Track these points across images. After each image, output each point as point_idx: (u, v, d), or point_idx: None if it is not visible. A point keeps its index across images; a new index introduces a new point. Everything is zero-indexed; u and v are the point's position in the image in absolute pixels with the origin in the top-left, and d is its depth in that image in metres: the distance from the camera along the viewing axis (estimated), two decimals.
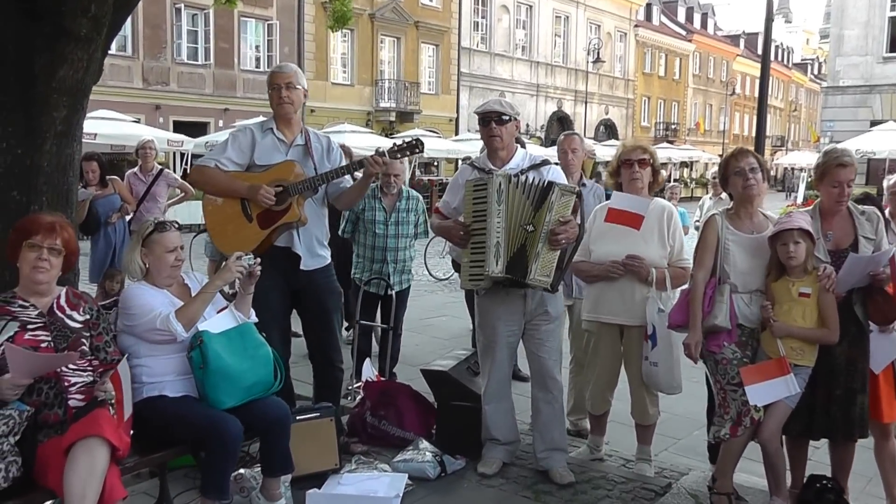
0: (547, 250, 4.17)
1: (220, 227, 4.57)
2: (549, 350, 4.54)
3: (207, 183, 4.56)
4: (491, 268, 4.17)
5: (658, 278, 4.45)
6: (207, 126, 28.33)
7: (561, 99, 44.88)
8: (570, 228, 4.20)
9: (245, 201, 4.47)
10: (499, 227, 4.17)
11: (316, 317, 4.77)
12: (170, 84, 27.55)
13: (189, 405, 3.64)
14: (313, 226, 4.62)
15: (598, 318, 4.66)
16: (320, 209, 4.73)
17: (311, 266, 4.64)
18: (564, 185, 4.31)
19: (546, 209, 4.16)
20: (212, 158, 4.56)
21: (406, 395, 5.13)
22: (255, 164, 4.55)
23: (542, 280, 4.19)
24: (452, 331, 9.10)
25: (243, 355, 3.76)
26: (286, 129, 4.62)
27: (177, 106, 27.58)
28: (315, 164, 4.59)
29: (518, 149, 4.66)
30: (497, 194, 4.18)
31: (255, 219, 4.47)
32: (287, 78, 4.57)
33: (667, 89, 54.68)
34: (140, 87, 26.67)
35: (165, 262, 3.81)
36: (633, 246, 4.51)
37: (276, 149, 4.58)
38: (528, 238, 4.19)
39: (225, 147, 4.57)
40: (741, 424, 3.92)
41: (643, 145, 4.69)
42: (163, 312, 3.66)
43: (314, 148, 4.65)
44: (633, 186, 4.59)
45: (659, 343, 4.39)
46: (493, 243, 4.17)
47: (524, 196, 4.21)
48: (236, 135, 4.62)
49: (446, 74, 37.70)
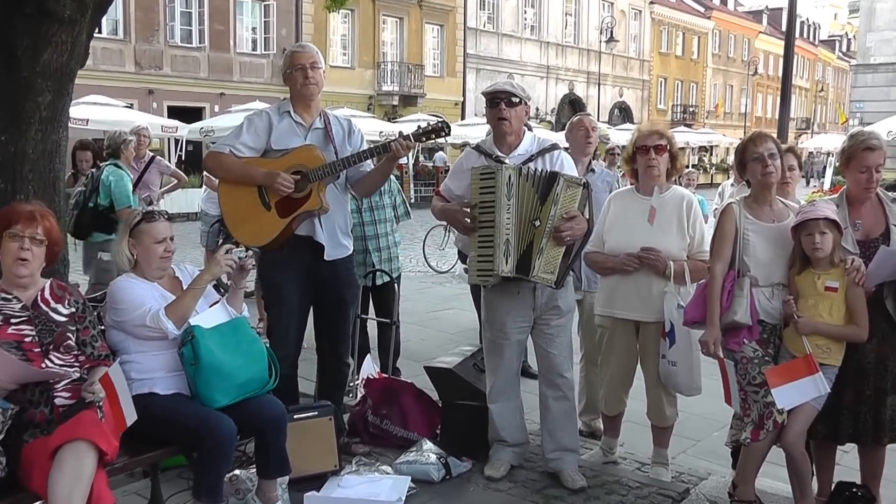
0: (551, 246, 4.15)
1: (237, 217, 4.52)
2: (560, 346, 4.52)
3: (222, 170, 4.52)
4: (500, 267, 4.18)
5: (676, 272, 4.41)
6: (202, 111, 28.36)
7: (572, 81, 44.77)
8: (576, 225, 4.18)
9: (262, 188, 4.43)
10: (508, 224, 4.16)
11: (332, 309, 4.72)
12: (163, 68, 27.56)
13: (180, 403, 3.64)
14: (336, 213, 4.58)
15: (613, 314, 4.63)
16: (342, 196, 4.68)
17: (334, 256, 4.59)
18: (571, 175, 4.28)
19: (551, 202, 4.13)
20: (226, 144, 4.52)
21: (409, 394, 5.12)
22: (271, 148, 4.50)
23: (545, 277, 4.18)
24: (460, 324, 9.09)
25: (236, 351, 3.75)
26: (304, 112, 4.58)
27: (171, 90, 27.60)
28: (336, 149, 4.54)
29: (526, 133, 4.62)
30: (506, 188, 4.16)
31: (273, 207, 4.43)
32: (311, 58, 4.55)
33: (684, 70, 54.48)
34: (132, 72, 26.71)
35: (154, 253, 3.80)
36: (649, 237, 4.47)
37: (294, 132, 4.54)
38: (536, 234, 4.19)
39: (240, 132, 4.52)
40: (763, 428, 3.87)
41: (660, 130, 4.64)
42: (153, 308, 3.65)
43: (335, 131, 4.60)
44: (650, 174, 4.55)
45: (677, 341, 4.36)
46: (503, 241, 4.17)
47: (533, 189, 4.19)
48: (252, 118, 4.58)
49: (451, 56, 37.62)
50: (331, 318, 4.74)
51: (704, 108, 56.21)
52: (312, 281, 4.60)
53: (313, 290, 4.64)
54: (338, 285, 4.67)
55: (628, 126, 38.55)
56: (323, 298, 4.70)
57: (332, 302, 4.70)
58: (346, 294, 4.75)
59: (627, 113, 48.86)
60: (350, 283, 4.80)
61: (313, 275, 4.58)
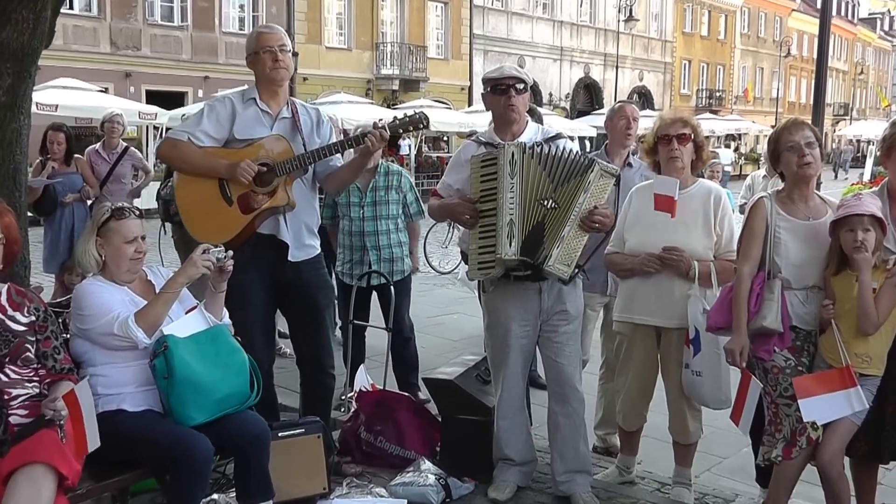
0: (575, 234, 4.11)
1: (194, 212, 4.51)
2: (569, 355, 4.49)
3: (179, 159, 4.51)
4: (503, 250, 4.12)
5: (702, 273, 4.37)
6: (185, 96, 28.42)
7: (588, 64, 44.73)
8: (608, 215, 4.16)
9: (224, 182, 4.42)
10: (511, 203, 4.14)
11: (305, 315, 4.73)
12: (141, 48, 27.59)
13: (152, 421, 3.61)
14: (302, 211, 4.58)
15: (631, 319, 4.59)
16: (310, 192, 4.69)
17: (299, 257, 4.60)
18: (607, 165, 4.25)
19: (582, 188, 4.10)
20: (184, 131, 4.52)
21: (406, 408, 5.10)
22: (234, 138, 4.50)
23: (560, 269, 4.13)
24: (464, 331, 9.05)
25: (215, 363, 3.73)
26: (271, 99, 4.58)
27: (149, 73, 27.62)
28: (304, 140, 4.54)
29: (529, 121, 4.60)
30: (510, 166, 4.14)
31: (235, 202, 4.42)
32: (280, 39, 4.55)
33: (710, 51, 54.44)
34: (107, 52, 26.73)
35: (124, 253, 3.76)
36: (672, 235, 4.43)
37: (260, 122, 4.54)
38: (549, 216, 4.14)
39: (200, 119, 4.52)
40: (796, 445, 3.85)
41: (683, 117, 4.61)
42: (121, 315, 3.61)
43: (302, 121, 4.60)
44: (672, 166, 4.50)
45: (703, 349, 4.31)
46: (506, 222, 4.13)
47: (541, 167, 4.16)
48: (213, 105, 4.58)
49: (457, 37, 37.63)
50: (305, 325, 4.74)
51: (732, 93, 56.20)
52: (276, 283, 4.62)
53: (277, 292, 4.66)
54: (307, 288, 4.67)
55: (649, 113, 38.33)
56: (293, 304, 4.72)
57: (304, 307, 4.71)
58: (318, 298, 4.74)
59: (648, 99, 48.81)
60: (321, 286, 4.79)
61: (277, 276, 4.59)
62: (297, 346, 4.85)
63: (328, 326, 4.86)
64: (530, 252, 4.13)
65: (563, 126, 20.55)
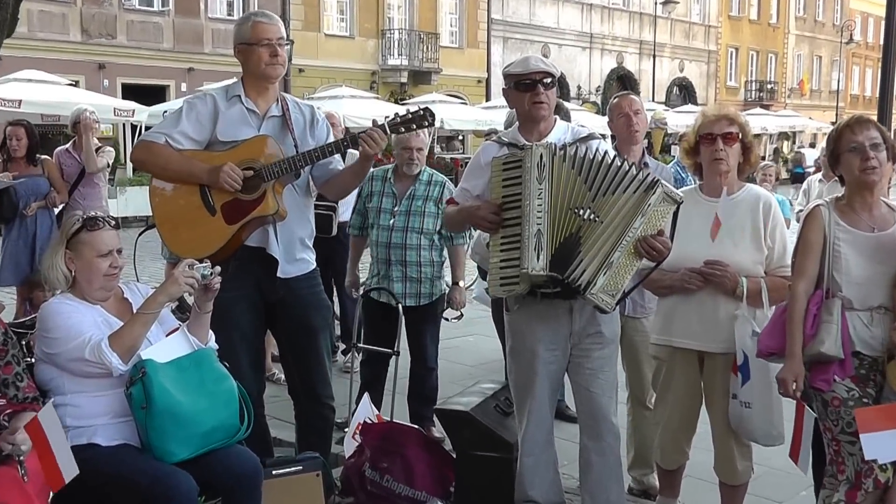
0: (626, 262, 4.08)
1: (172, 223, 4.55)
2: (603, 384, 4.48)
3: (155, 164, 4.54)
4: (530, 264, 4.09)
5: (751, 291, 4.37)
6: (166, 90, 28.57)
7: (622, 53, 44.79)
8: (668, 245, 4.13)
9: (206, 189, 4.46)
10: (539, 211, 4.10)
11: (297, 338, 4.76)
12: (117, 37, 27.75)
13: (128, 457, 3.61)
14: (295, 221, 4.61)
15: (671, 342, 4.60)
16: (304, 199, 4.72)
17: (290, 273, 4.63)
18: (671, 189, 4.21)
19: (640, 211, 4.06)
20: (160, 132, 4.55)
21: (416, 443, 5.11)
22: (217, 140, 4.54)
23: (604, 299, 4.08)
24: (480, 355, 9.05)
25: (199, 391, 3.74)
26: (259, 97, 4.61)
27: (126, 65, 27.77)
28: (296, 141, 4.57)
29: (557, 120, 4.60)
30: (537, 169, 4.11)
31: (219, 211, 4.45)
32: (280, 32, 4.59)
33: (761, 38, 54.42)
34: (78, 41, 26.90)
35: (97, 269, 3.77)
36: (717, 247, 4.43)
37: (246, 121, 4.57)
38: (587, 228, 4.11)
39: (178, 118, 4.55)
40: (861, 488, 3.83)
41: (730, 114, 4.61)
42: (93, 337, 3.62)
43: (294, 120, 4.63)
44: (716, 169, 4.50)
45: (752, 377, 4.30)
46: (533, 232, 4.10)
47: (575, 171, 4.13)
48: (193, 103, 4.61)
49: (473, 22, 37.75)
50: (297, 349, 4.76)
51: (785, 84, 56.16)
52: (265, 301, 4.65)
53: (266, 312, 4.69)
54: (300, 308, 4.70)
55: (690, 108, 38.57)
56: (283, 325, 4.75)
57: (296, 329, 4.73)
58: (313, 319, 4.76)
59: (689, 92, 48.87)
60: (316, 305, 4.81)
61: (266, 294, 4.63)
62: (289, 372, 4.88)
63: (324, 351, 4.87)
64: (560, 266, 4.09)
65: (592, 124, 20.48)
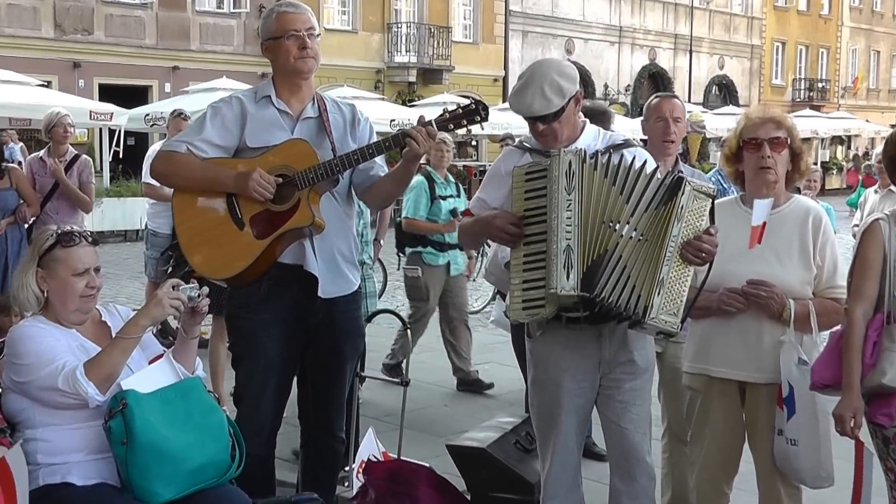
0: (677, 274, 4.08)
1: (197, 238, 4.51)
2: (636, 419, 4.47)
3: (177, 174, 4.54)
4: (559, 283, 4.05)
5: (798, 314, 4.34)
6: (148, 91, 28.70)
7: (654, 48, 44.81)
8: (714, 242, 4.12)
9: (234, 199, 4.42)
10: (568, 225, 4.08)
11: (324, 366, 4.73)
12: (93, 32, 27.89)
13: (106, 498, 3.61)
14: (335, 233, 4.56)
15: (708, 371, 4.57)
16: (345, 209, 4.68)
17: (332, 293, 4.57)
18: (699, 183, 4.21)
19: (673, 216, 4.06)
20: (181, 141, 4.53)
21: (427, 483, 5.09)
22: (246, 146, 4.51)
23: (667, 321, 4.05)
24: (499, 385, 9.04)
25: (186, 425, 3.73)
26: (292, 96, 4.59)
27: (103, 63, 27.88)
28: (334, 144, 4.52)
29: (586, 124, 4.57)
30: (566, 178, 4.09)
31: (247, 224, 4.41)
32: (307, 21, 4.54)
33: (810, 30, 54.37)
34: (51, 37, 27.03)
35: (72, 289, 3.77)
36: (760, 265, 4.41)
37: (278, 125, 4.54)
38: (624, 245, 4.10)
39: (202, 124, 4.54)
40: None
41: (776, 116, 4.59)
42: (67, 364, 3.61)
43: (332, 121, 4.60)
44: (763, 179, 4.47)
45: (799, 411, 4.28)
46: (562, 248, 4.07)
47: (608, 181, 4.12)
48: (218, 107, 4.59)
49: (489, 15, 37.83)
50: (321, 377, 4.74)
51: (838, 83, 56.03)
52: (303, 327, 4.60)
53: (303, 339, 4.64)
54: (335, 334, 4.67)
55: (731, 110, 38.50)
56: (315, 350, 4.70)
57: (325, 356, 4.70)
58: (345, 346, 4.75)
59: (730, 91, 48.84)
60: (352, 331, 4.79)
61: (304, 319, 4.57)
62: (304, 399, 4.84)
63: (346, 382, 4.87)
64: (590, 285, 4.10)
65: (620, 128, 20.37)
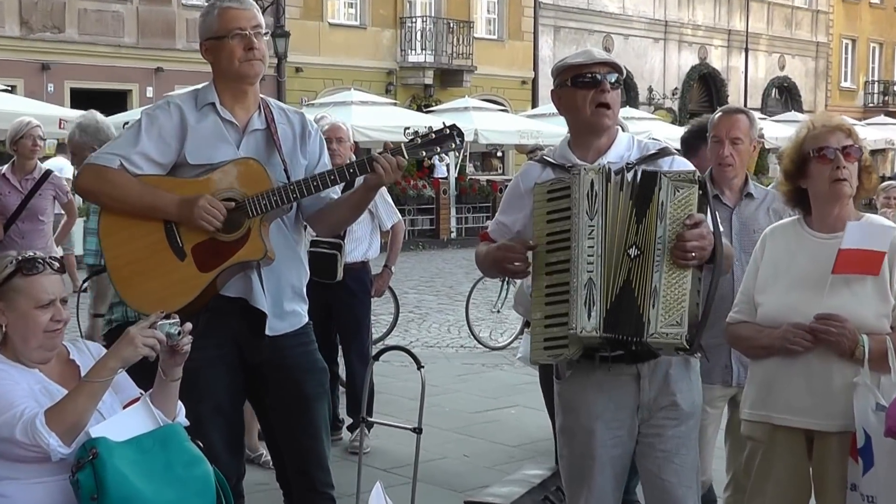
0: (669, 280, 4.08)
1: (128, 270, 4.54)
2: (680, 470, 4.46)
3: (108, 195, 4.55)
4: (579, 322, 4.08)
5: (874, 352, 4.32)
6: (127, 96, 28.96)
7: (705, 46, 44.92)
8: (704, 235, 4.06)
9: (173, 226, 4.46)
10: (591, 255, 4.11)
11: (287, 411, 4.76)
12: (65, 30, 28.15)
13: None
14: (284, 264, 4.61)
15: (770, 418, 4.57)
16: (294, 236, 4.74)
17: (279, 329, 4.64)
18: (676, 171, 4.21)
19: (654, 216, 4.06)
20: (113, 154, 4.55)
21: None
22: (186, 162, 4.55)
23: (669, 333, 4.07)
24: (525, 432, 9.04)
25: (166, 478, 3.73)
26: (237, 104, 4.64)
27: (77, 65, 28.13)
28: (284, 161, 4.58)
29: (619, 132, 4.57)
30: (588, 200, 4.11)
31: (189, 255, 4.45)
32: (255, 18, 4.60)
33: (885, 26, 54.44)
34: (16, 36, 27.31)
35: (35, 323, 3.77)
36: (829, 297, 4.39)
37: (223, 138, 4.59)
38: (635, 269, 4.11)
39: (136, 135, 4.56)
40: None
41: (845, 124, 4.57)
42: (27, 411, 3.60)
43: (281, 133, 4.64)
44: (836, 194, 4.45)
45: (877, 463, 4.26)
46: (583, 281, 4.10)
47: (632, 202, 4.12)
48: (154, 115, 4.62)
49: (516, 8, 38.05)
50: (288, 425, 4.77)
51: None
52: (247, 363, 4.67)
53: (247, 377, 4.71)
54: (290, 372, 4.72)
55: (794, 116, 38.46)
56: (269, 394, 4.75)
57: (285, 399, 4.73)
58: (307, 385, 4.77)
59: (792, 95, 48.89)
60: (310, 368, 4.82)
61: (249, 355, 4.64)
62: (276, 454, 4.88)
63: (321, 425, 4.86)
64: (619, 327, 4.09)
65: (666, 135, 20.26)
